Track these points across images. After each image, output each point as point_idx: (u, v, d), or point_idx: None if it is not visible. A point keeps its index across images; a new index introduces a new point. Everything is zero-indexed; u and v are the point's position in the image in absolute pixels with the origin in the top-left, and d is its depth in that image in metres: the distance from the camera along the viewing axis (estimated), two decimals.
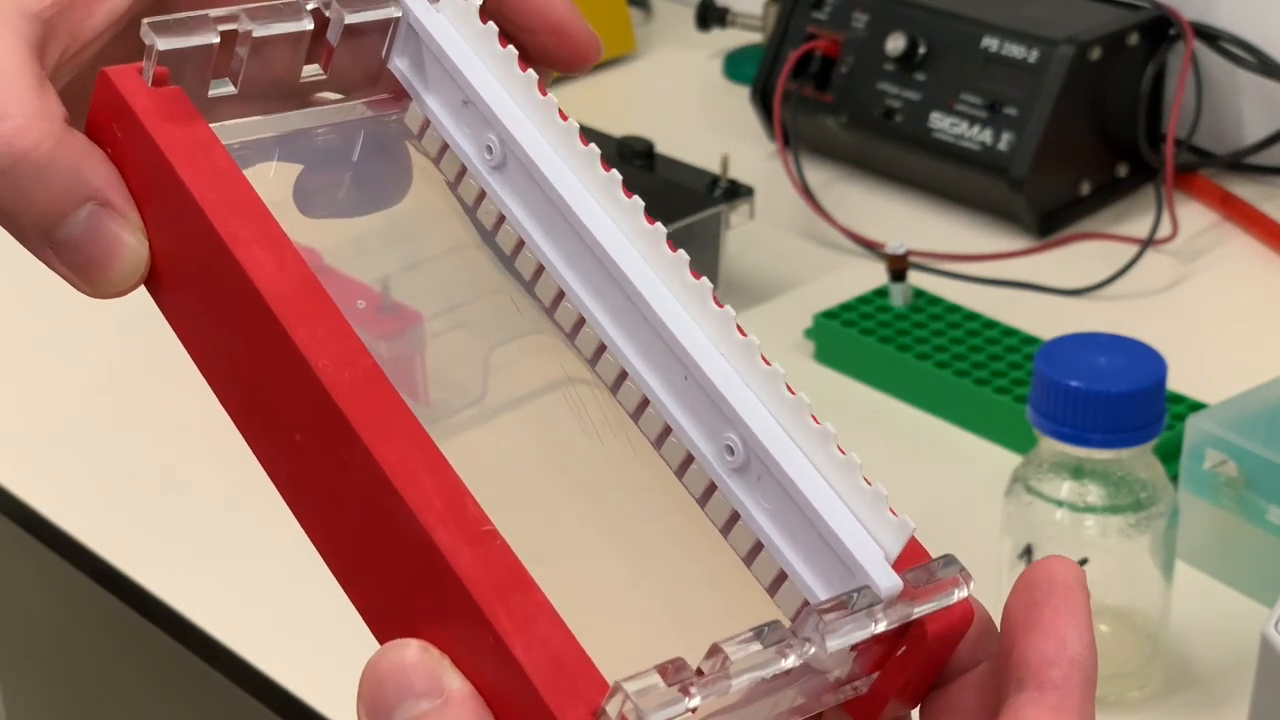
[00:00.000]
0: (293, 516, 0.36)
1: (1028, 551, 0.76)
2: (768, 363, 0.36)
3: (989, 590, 0.78)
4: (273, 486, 0.36)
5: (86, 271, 0.37)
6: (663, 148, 1.07)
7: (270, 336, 0.35)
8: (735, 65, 1.36)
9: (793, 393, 0.35)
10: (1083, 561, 0.75)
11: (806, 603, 0.35)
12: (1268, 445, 0.80)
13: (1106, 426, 0.72)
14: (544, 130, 0.39)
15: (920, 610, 0.33)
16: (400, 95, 0.41)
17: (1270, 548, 0.80)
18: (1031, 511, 0.75)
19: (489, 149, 0.39)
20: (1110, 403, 0.72)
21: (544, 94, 0.39)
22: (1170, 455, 0.82)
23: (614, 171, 0.38)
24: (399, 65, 0.41)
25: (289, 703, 0.77)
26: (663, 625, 0.38)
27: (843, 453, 0.35)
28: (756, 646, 0.31)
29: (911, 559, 0.34)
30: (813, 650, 0.32)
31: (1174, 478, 0.81)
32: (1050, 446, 0.74)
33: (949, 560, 0.34)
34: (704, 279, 0.37)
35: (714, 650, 0.30)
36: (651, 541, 0.39)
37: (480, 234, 0.40)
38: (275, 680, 0.78)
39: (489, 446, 0.40)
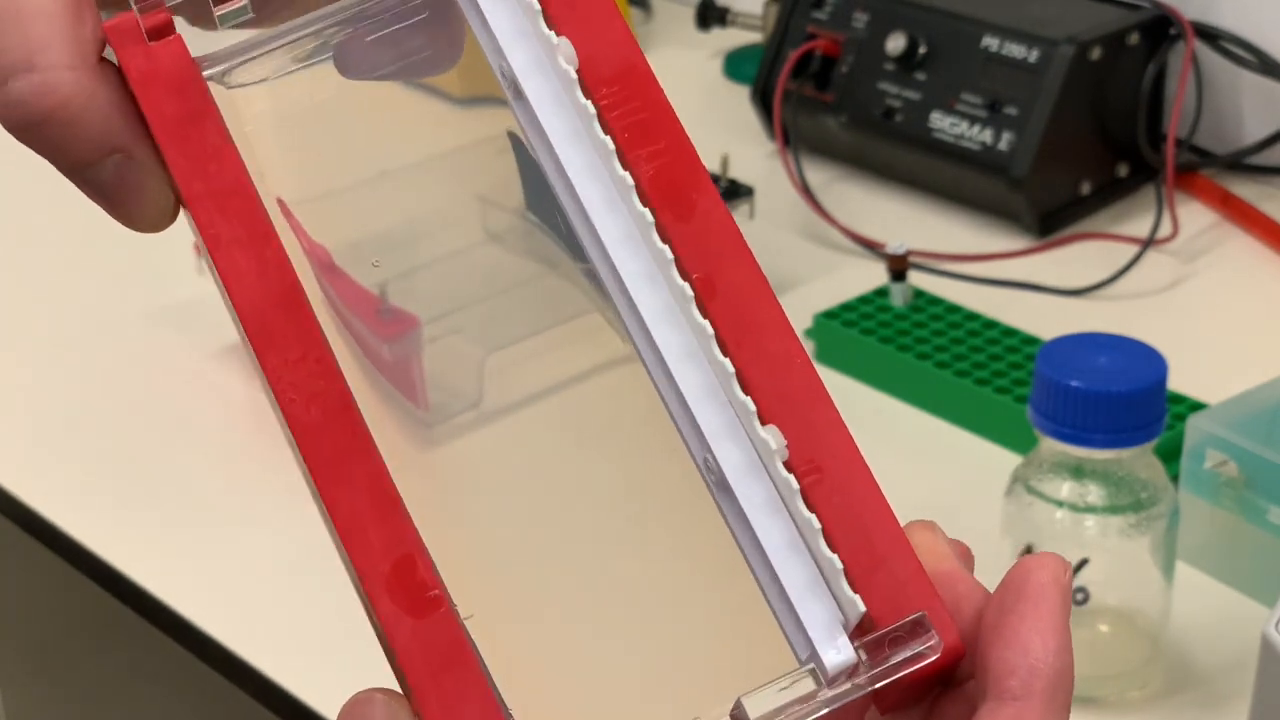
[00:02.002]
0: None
1: (1028, 551, 0.76)
2: (745, 392, 0.34)
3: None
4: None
5: (116, 210, 0.36)
6: None
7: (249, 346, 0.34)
8: (735, 65, 1.35)
9: (765, 424, 0.34)
10: (1083, 562, 0.75)
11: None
12: (1268, 445, 0.80)
13: (1107, 426, 0.72)
14: (549, 76, 0.36)
15: (873, 688, 0.32)
16: None
17: (1271, 548, 0.80)
18: (1032, 511, 0.75)
19: (503, 73, 0.37)
20: (1111, 403, 0.72)
21: (551, 27, 0.36)
22: (1170, 455, 0.82)
23: (608, 138, 0.35)
24: None
25: (289, 703, 0.77)
26: (634, 661, 0.37)
27: (809, 511, 0.33)
28: None
29: (905, 600, 0.33)
30: None
31: (1174, 478, 0.81)
32: (1050, 446, 0.74)
33: (917, 618, 0.32)
34: (686, 284, 0.34)
35: None
36: (649, 553, 0.38)
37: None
38: (275, 680, 0.78)
39: (491, 450, 0.40)
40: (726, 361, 0.34)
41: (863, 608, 0.32)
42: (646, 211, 0.35)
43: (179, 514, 0.89)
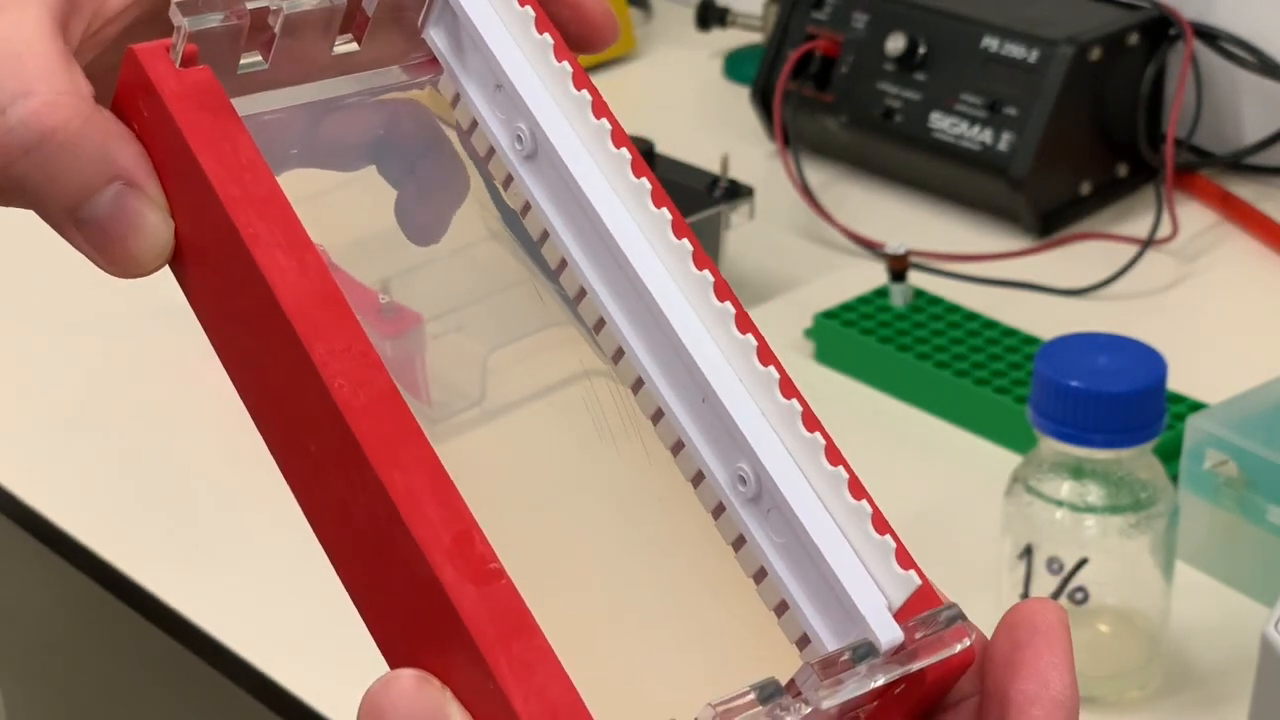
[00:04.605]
0: (298, 517, 0.36)
1: (1028, 551, 0.76)
2: (787, 397, 0.35)
3: (989, 590, 0.78)
4: (275, 486, 0.36)
5: (110, 250, 0.37)
6: (663, 148, 1.07)
7: (287, 345, 0.34)
8: (735, 65, 1.36)
9: (810, 430, 0.35)
10: (1083, 562, 0.75)
11: (806, 637, 0.35)
12: (1268, 445, 0.80)
13: (1106, 426, 0.72)
14: (576, 128, 0.38)
15: (920, 665, 0.33)
16: (435, 62, 0.40)
17: (1270, 548, 0.80)
18: (1031, 511, 0.75)
19: (519, 138, 0.38)
20: (1110, 403, 0.72)
21: (579, 88, 0.38)
22: (1170, 455, 0.82)
23: (644, 179, 0.37)
24: (434, 36, 0.40)
25: (289, 703, 0.77)
26: (662, 653, 0.37)
27: (855, 499, 0.34)
28: (755, 708, 0.31)
29: (919, 599, 0.34)
30: (809, 710, 0.32)
31: (1174, 478, 0.81)
32: (1050, 446, 0.74)
33: (953, 609, 0.34)
34: (727, 303, 0.36)
35: (712, 712, 0.30)
36: (655, 550, 0.39)
37: (504, 216, 0.40)
38: (275, 680, 0.78)
39: (496, 446, 0.40)
40: (771, 369, 0.35)
41: (919, 580, 0.34)
42: (685, 242, 0.36)
43: (179, 513, 0.89)
